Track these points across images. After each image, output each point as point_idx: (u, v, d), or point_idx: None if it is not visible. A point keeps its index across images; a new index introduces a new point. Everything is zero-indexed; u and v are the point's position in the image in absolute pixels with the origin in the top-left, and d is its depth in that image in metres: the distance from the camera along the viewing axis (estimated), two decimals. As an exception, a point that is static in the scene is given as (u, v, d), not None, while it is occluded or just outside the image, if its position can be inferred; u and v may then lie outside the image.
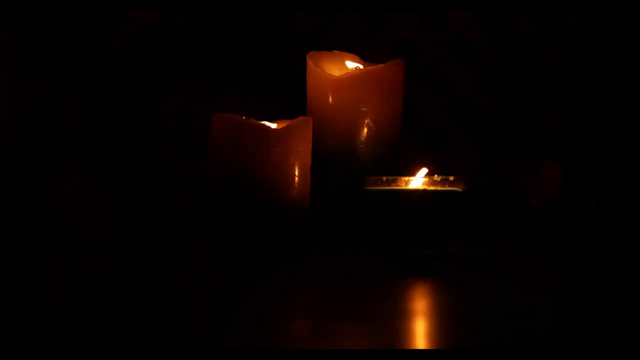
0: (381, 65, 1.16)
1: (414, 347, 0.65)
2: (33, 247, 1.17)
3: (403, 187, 1.04)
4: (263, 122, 1.06)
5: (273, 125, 1.05)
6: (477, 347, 0.65)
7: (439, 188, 1.03)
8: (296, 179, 1.04)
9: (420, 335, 0.69)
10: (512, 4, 1.47)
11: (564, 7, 1.47)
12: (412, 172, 1.05)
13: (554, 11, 1.49)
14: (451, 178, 1.04)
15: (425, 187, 1.04)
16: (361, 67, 1.18)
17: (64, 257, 1.14)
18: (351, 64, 1.18)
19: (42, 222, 1.18)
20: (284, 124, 1.05)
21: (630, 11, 1.48)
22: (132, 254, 1.19)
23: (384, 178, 1.05)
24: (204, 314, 0.78)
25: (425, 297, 0.87)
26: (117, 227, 1.32)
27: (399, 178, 1.05)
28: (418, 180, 1.04)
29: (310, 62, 1.17)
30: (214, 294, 0.89)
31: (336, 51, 1.20)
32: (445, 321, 0.75)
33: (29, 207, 1.18)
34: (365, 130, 1.15)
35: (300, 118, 1.06)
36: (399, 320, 0.75)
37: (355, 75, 1.15)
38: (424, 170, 1.05)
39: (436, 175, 1.04)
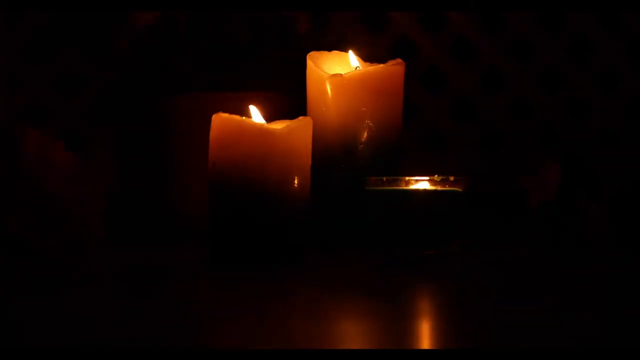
0: (381, 65, 1.16)
1: (413, 347, 0.65)
2: (32, 247, 1.17)
3: (403, 187, 1.04)
4: (263, 122, 1.06)
5: (273, 125, 1.05)
6: (478, 347, 0.65)
7: (439, 188, 1.03)
8: (296, 179, 1.03)
9: (420, 336, 0.69)
10: (512, 4, 1.47)
11: (564, 7, 1.48)
12: (412, 173, 1.05)
13: (554, 11, 1.49)
14: (451, 178, 1.04)
15: (425, 187, 1.04)
16: (361, 67, 1.18)
17: (63, 257, 1.14)
18: (352, 63, 1.18)
19: (41, 221, 1.18)
20: (284, 124, 1.05)
21: (630, 11, 1.48)
22: (131, 254, 1.19)
23: (384, 178, 1.05)
24: (203, 314, 0.78)
25: (424, 297, 0.87)
26: (117, 227, 1.32)
27: (399, 178, 1.05)
28: (423, 183, 1.04)
29: (310, 62, 1.17)
30: (214, 294, 0.89)
31: (336, 51, 1.20)
32: (445, 321, 0.75)
33: (28, 207, 1.18)
34: (366, 130, 1.15)
35: (300, 118, 1.06)
36: (399, 320, 0.75)
37: (355, 75, 1.15)
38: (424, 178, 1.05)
39: (436, 175, 1.04)
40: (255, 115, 1.07)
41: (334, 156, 1.15)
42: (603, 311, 0.77)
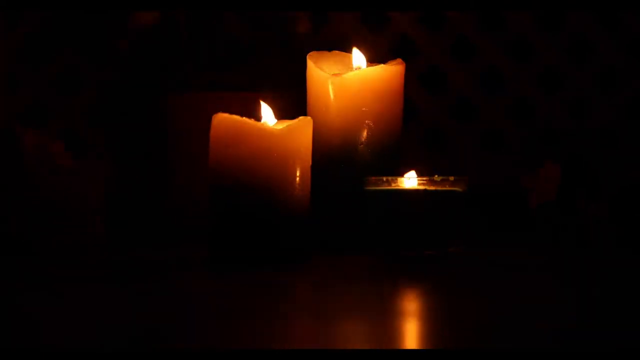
0: (381, 65, 1.16)
1: (413, 348, 0.65)
2: (32, 247, 1.17)
3: (403, 187, 1.04)
4: (263, 122, 1.06)
5: (273, 125, 1.05)
6: (477, 347, 0.65)
7: (439, 188, 1.03)
8: (296, 179, 1.04)
9: (419, 336, 0.69)
10: (512, 4, 1.47)
11: (564, 7, 1.48)
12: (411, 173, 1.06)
13: (554, 11, 1.49)
14: (451, 178, 1.04)
15: (426, 187, 1.04)
16: (361, 67, 1.18)
17: (63, 257, 1.14)
18: (355, 62, 1.18)
19: (41, 221, 1.18)
20: (284, 124, 1.05)
21: (630, 11, 1.48)
22: (131, 254, 1.19)
23: (384, 178, 1.05)
24: (204, 314, 0.78)
25: (425, 297, 0.87)
26: (117, 227, 1.32)
27: (399, 178, 1.05)
28: (412, 181, 1.04)
29: (310, 62, 1.17)
30: (214, 294, 0.89)
31: (336, 51, 1.20)
32: (444, 322, 0.75)
33: (28, 207, 1.18)
34: (366, 130, 1.15)
35: (300, 118, 1.06)
36: (399, 321, 0.75)
37: (355, 75, 1.15)
38: (412, 173, 1.05)
39: (436, 176, 1.04)
40: (266, 111, 1.06)
41: (334, 156, 1.15)
42: (603, 311, 0.77)
